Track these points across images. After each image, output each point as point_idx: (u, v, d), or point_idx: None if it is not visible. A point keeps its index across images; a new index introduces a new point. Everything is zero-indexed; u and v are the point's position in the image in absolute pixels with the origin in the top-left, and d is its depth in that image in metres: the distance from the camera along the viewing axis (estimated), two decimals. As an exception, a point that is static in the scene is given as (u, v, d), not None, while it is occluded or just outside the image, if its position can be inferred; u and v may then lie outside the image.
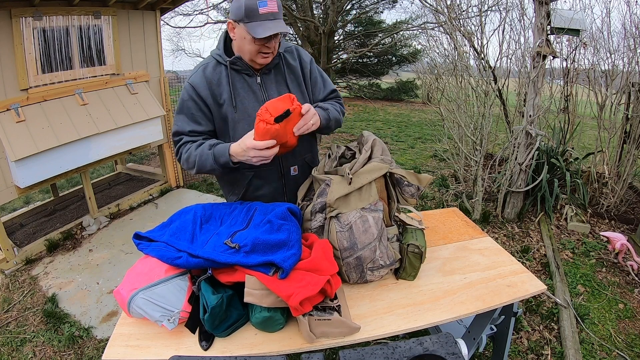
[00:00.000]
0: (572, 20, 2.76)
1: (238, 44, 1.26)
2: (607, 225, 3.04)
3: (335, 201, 1.12)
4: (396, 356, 0.69)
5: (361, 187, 1.14)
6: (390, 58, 11.14)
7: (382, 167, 1.18)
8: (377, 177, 1.16)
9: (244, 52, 1.26)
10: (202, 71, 1.30)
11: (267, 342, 0.96)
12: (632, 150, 3.03)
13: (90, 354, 1.95)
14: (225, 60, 1.29)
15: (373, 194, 1.15)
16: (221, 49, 1.32)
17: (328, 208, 1.13)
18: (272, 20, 1.19)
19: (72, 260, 2.81)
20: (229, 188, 1.44)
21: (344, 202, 1.13)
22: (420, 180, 1.22)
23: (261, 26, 1.17)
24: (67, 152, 2.81)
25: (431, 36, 4.28)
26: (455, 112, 3.52)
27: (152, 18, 3.58)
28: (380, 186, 1.19)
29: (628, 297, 2.24)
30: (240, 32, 1.22)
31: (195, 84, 1.29)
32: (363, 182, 1.14)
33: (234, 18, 1.22)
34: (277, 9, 1.20)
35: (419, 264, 1.19)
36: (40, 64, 2.78)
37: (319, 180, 1.22)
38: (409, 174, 1.22)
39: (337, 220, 1.11)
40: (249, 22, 1.18)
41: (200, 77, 1.29)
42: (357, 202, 1.13)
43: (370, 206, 1.12)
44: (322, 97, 1.48)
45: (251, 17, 1.17)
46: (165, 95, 3.84)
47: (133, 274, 1.02)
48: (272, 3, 1.18)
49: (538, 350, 1.87)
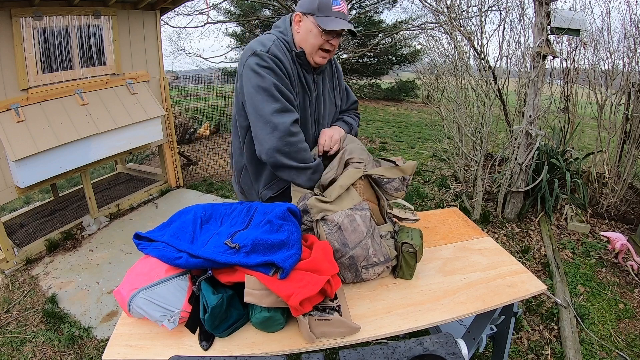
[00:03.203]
0: (572, 20, 2.76)
1: (302, 36, 1.26)
2: (607, 225, 3.04)
3: (317, 202, 1.13)
4: (396, 356, 0.69)
5: (340, 195, 1.14)
6: (390, 58, 11.13)
7: (355, 174, 1.17)
8: (352, 183, 1.16)
9: (306, 46, 1.26)
10: (279, 46, 1.23)
11: (267, 342, 0.96)
12: (632, 150, 3.03)
13: (90, 354, 1.95)
14: (292, 49, 1.27)
15: (355, 197, 1.14)
16: (290, 36, 1.28)
17: (312, 210, 1.13)
18: (342, 19, 1.22)
19: (72, 260, 2.81)
20: (267, 180, 1.39)
21: (327, 206, 1.12)
22: (404, 170, 1.20)
23: (332, 21, 1.20)
24: (67, 152, 2.81)
25: (431, 36, 4.29)
26: (455, 112, 3.52)
27: (152, 18, 3.58)
28: (363, 187, 1.19)
29: (628, 297, 2.24)
30: (307, 25, 1.23)
31: (280, 58, 1.21)
32: (340, 192, 1.13)
33: (303, 10, 1.23)
34: (347, 12, 1.24)
35: (415, 263, 1.18)
36: (40, 64, 2.78)
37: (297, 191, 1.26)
38: (388, 170, 1.19)
39: (324, 222, 1.11)
40: (320, 16, 1.20)
41: (281, 53, 1.22)
42: (340, 207, 1.12)
43: (356, 206, 1.12)
44: (346, 106, 1.55)
45: (323, 11, 1.20)
46: (165, 95, 3.84)
47: (133, 274, 1.02)
48: (344, 4, 1.23)
49: (538, 350, 1.87)
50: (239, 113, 1.32)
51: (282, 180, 1.35)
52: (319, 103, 1.39)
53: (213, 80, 5.45)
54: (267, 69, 1.19)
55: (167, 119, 3.82)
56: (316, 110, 1.39)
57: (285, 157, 1.20)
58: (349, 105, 1.56)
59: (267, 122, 1.19)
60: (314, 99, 1.36)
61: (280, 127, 1.17)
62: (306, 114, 1.35)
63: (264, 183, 1.39)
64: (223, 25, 10.61)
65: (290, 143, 1.19)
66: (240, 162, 1.42)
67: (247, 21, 10.26)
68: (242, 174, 1.44)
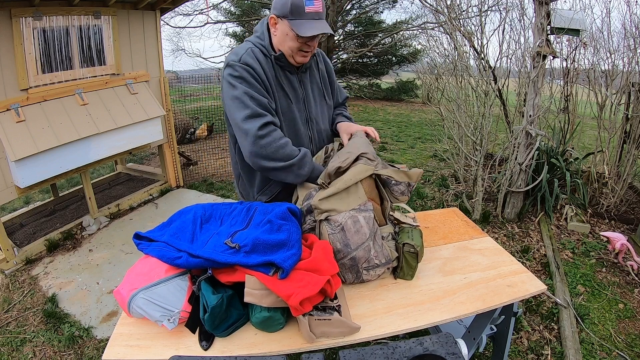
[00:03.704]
0: (572, 20, 2.77)
1: (279, 39, 1.25)
2: (607, 225, 3.04)
3: (320, 202, 1.11)
4: (396, 356, 0.69)
5: (348, 188, 1.13)
6: (390, 58, 11.13)
7: (366, 170, 1.17)
8: (362, 179, 1.16)
9: (284, 49, 1.25)
10: (251, 54, 1.23)
11: (267, 342, 0.96)
12: (632, 150, 3.03)
13: (90, 354, 1.95)
14: (270, 54, 1.27)
15: (361, 195, 1.14)
16: (267, 40, 1.28)
17: (315, 210, 1.13)
18: (317, 20, 1.20)
19: (72, 260, 2.81)
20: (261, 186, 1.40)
21: (331, 204, 1.11)
22: (410, 176, 1.21)
23: (306, 24, 1.18)
24: (67, 152, 2.81)
25: (431, 36, 4.29)
26: (455, 112, 3.52)
27: (152, 18, 3.58)
28: (369, 186, 1.18)
29: (628, 297, 2.24)
30: (283, 28, 1.22)
31: (252, 65, 1.22)
32: (348, 184, 1.13)
33: (277, 14, 1.21)
34: (322, 9, 1.21)
35: (416, 264, 1.18)
36: (40, 64, 2.78)
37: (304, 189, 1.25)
38: (397, 172, 1.20)
39: (327, 222, 1.11)
40: (293, 20, 1.18)
41: (253, 60, 1.23)
42: (346, 203, 1.12)
43: (360, 207, 1.12)
44: (341, 101, 1.57)
45: (296, 14, 1.17)
46: (166, 95, 3.84)
47: (133, 274, 1.02)
48: (318, 2, 1.19)
49: (538, 350, 1.87)
50: (228, 123, 1.34)
51: (274, 185, 1.37)
52: (307, 101, 1.39)
53: (213, 80, 5.45)
54: (238, 78, 1.21)
55: (167, 119, 3.83)
56: (306, 108, 1.38)
57: (265, 160, 1.21)
58: (342, 100, 1.58)
59: (241, 130, 1.21)
60: (301, 98, 1.35)
61: (250, 132, 1.19)
62: (293, 115, 1.34)
63: (258, 189, 1.41)
64: (223, 25, 10.63)
65: (263, 145, 1.19)
66: (237, 169, 1.45)
67: (247, 21, 10.27)
68: (240, 181, 1.47)
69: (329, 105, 1.50)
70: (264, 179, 1.37)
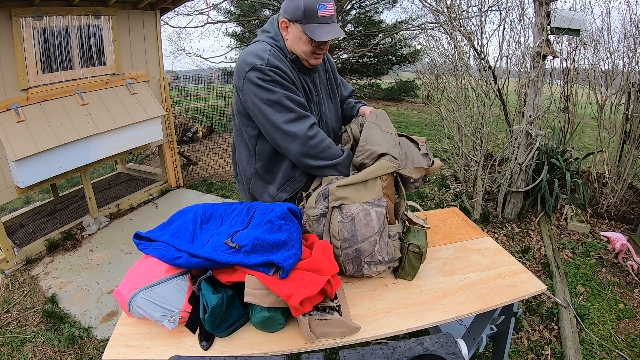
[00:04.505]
0: (572, 20, 2.77)
1: (292, 42, 1.25)
2: (607, 225, 3.04)
3: (337, 188, 1.13)
4: (396, 356, 0.69)
5: (366, 181, 1.15)
6: (390, 58, 11.12)
7: (388, 167, 1.18)
8: (382, 175, 1.17)
9: (298, 52, 1.25)
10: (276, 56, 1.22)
11: (267, 342, 0.96)
12: (632, 150, 3.03)
13: (90, 354, 1.95)
14: (287, 56, 1.27)
15: (377, 190, 1.15)
16: (282, 42, 1.27)
17: (331, 196, 1.13)
18: (330, 23, 1.20)
19: (72, 260, 2.81)
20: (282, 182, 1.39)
21: (347, 192, 1.13)
22: (429, 171, 1.26)
23: (320, 29, 1.17)
24: (67, 152, 2.81)
25: (431, 36, 4.28)
26: (455, 112, 3.52)
27: (152, 18, 3.58)
28: (388, 183, 1.19)
29: (628, 297, 2.24)
30: (295, 32, 1.22)
31: (281, 67, 1.21)
32: (367, 177, 1.15)
33: (289, 18, 1.20)
34: (334, 13, 1.21)
35: (419, 264, 1.19)
36: (40, 64, 2.78)
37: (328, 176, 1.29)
38: (416, 171, 1.22)
39: (339, 210, 1.11)
40: (306, 24, 1.17)
41: (280, 62, 1.22)
42: (361, 195, 1.13)
43: (374, 201, 1.13)
44: (343, 96, 1.59)
45: (310, 18, 1.17)
46: (165, 95, 3.84)
47: (133, 274, 1.02)
48: (331, 6, 1.19)
49: (538, 350, 1.87)
50: (246, 123, 1.31)
51: (296, 182, 1.37)
52: (319, 101, 1.41)
53: (213, 80, 5.45)
54: (272, 82, 1.19)
55: (167, 119, 3.82)
56: (318, 108, 1.40)
57: (313, 159, 1.25)
58: (348, 94, 1.59)
59: (286, 133, 1.22)
60: (315, 99, 1.37)
61: (299, 133, 1.21)
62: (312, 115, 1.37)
63: (278, 186, 1.39)
64: (223, 25, 10.60)
65: (312, 146, 1.23)
66: (249, 170, 1.42)
67: (247, 21, 10.26)
68: (252, 182, 1.44)
69: (335, 103, 1.52)
70: (286, 176, 1.36)
